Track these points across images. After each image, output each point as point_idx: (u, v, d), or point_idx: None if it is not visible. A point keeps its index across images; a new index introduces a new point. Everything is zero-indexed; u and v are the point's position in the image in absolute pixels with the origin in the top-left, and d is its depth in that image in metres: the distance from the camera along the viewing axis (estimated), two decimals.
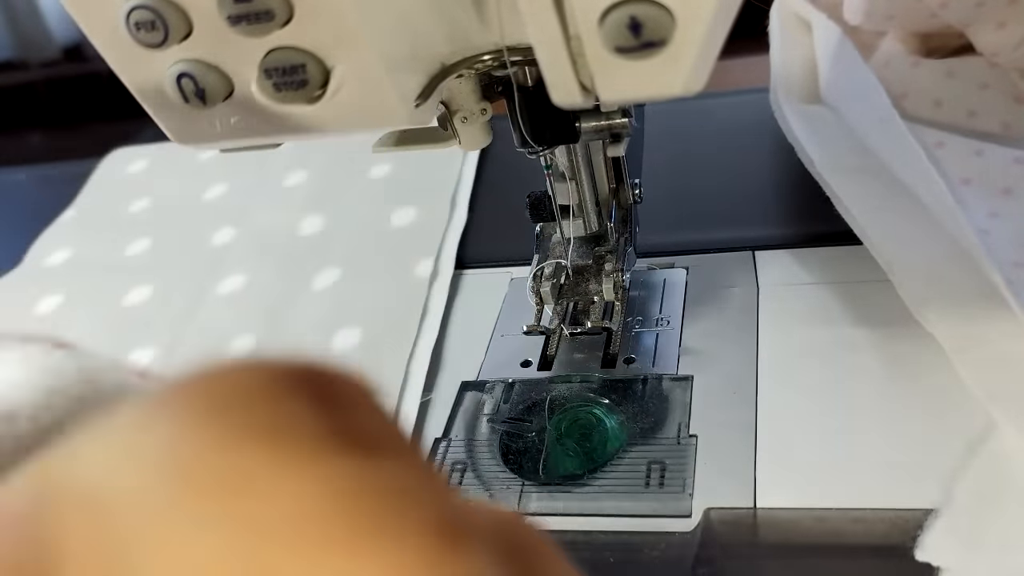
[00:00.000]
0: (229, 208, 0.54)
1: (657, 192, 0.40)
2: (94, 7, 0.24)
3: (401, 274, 0.45)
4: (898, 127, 0.37)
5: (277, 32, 0.23)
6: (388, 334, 0.42)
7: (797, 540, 0.30)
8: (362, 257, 0.47)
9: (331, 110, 0.24)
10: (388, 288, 0.44)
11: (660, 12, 0.20)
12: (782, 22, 0.46)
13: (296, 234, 0.50)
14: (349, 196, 0.52)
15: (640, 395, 0.36)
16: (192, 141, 0.27)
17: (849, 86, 0.42)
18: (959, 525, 0.28)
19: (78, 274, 0.52)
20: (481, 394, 0.38)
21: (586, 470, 0.33)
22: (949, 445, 0.30)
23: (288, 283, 0.46)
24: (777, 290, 0.39)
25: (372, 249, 0.47)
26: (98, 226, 0.56)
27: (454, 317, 0.43)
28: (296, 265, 0.47)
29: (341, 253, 0.48)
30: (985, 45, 0.42)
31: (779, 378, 0.35)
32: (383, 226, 0.49)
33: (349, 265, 0.46)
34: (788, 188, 0.46)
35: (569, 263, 0.38)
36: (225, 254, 0.50)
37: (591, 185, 0.37)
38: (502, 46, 0.25)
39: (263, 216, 0.52)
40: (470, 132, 0.30)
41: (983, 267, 0.32)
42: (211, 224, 0.53)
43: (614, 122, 0.33)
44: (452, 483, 0.13)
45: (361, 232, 0.49)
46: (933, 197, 0.35)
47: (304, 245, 0.49)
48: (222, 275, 0.48)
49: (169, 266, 0.51)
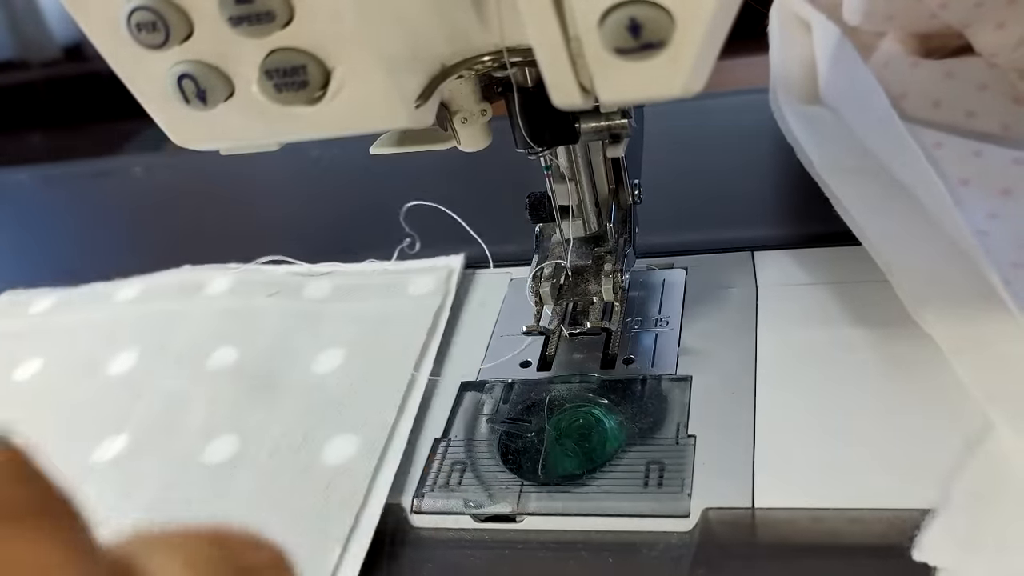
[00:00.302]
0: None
1: (656, 193, 0.40)
2: (95, 8, 0.24)
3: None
4: (897, 128, 0.37)
5: (278, 33, 0.23)
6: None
7: (795, 540, 0.30)
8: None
9: (331, 111, 0.24)
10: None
11: (659, 13, 0.20)
12: (781, 23, 0.46)
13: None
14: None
15: (639, 395, 0.36)
16: (192, 142, 0.27)
17: (848, 87, 0.42)
18: (956, 525, 0.28)
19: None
20: (480, 394, 0.38)
21: (585, 470, 0.33)
22: (947, 445, 0.30)
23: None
24: (776, 290, 0.39)
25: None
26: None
27: (454, 317, 0.43)
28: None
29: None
30: (984, 46, 0.42)
31: (777, 378, 0.35)
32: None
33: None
34: (787, 189, 0.46)
35: (568, 264, 0.38)
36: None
37: (591, 186, 0.37)
38: (502, 47, 0.25)
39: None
40: (470, 133, 0.30)
41: (982, 268, 0.32)
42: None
43: (613, 123, 0.33)
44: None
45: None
46: (932, 198, 0.35)
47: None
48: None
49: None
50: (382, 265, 0.46)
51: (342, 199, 0.59)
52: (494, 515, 0.33)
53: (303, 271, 0.47)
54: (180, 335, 0.45)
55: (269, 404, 0.39)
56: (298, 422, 0.38)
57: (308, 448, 0.36)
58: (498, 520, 0.33)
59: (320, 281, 0.46)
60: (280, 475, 0.36)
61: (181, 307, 0.47)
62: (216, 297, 0.47)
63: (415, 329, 0.41)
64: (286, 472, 0.36)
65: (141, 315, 0.47)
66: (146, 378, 0.43)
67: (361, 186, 0.59)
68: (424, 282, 0.44)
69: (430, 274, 0.45)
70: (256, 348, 0.43)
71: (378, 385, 0.39)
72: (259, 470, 0.36)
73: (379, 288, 0.45)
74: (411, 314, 0.42)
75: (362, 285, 0.45)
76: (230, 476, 0.36)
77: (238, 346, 0.43)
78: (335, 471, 0.35)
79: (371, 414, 0.37)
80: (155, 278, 0.49)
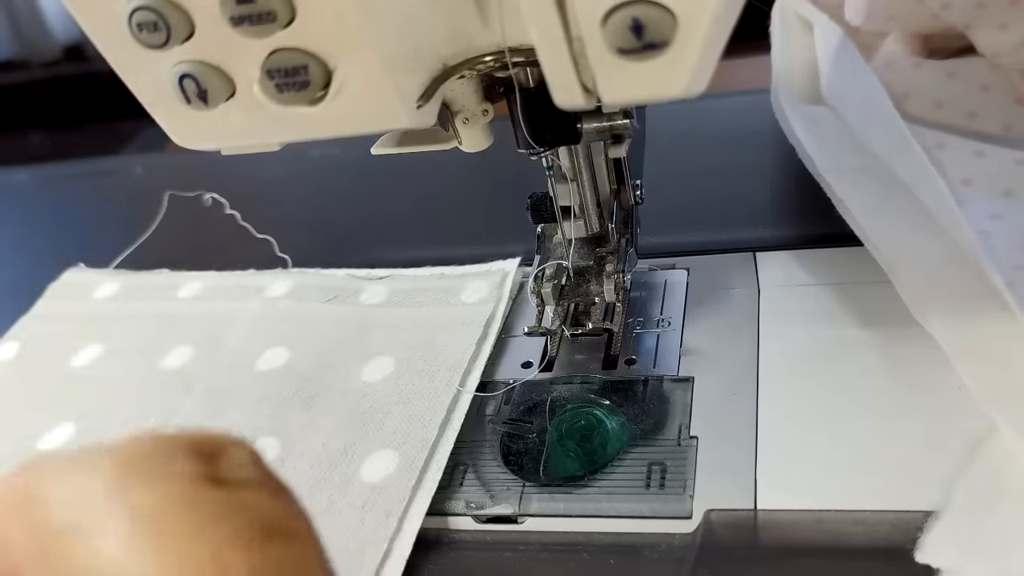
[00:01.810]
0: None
1: (658, 193, 0.40)
2: (96, 8, 0.24)
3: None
4: (899, 128, 0.37)
5: (279, 33, 0.23)
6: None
7: (797, 542, 0.30)
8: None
9: (333, 111, 0.24)
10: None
11: (662, 13, 0.20)
12: (783, 23, 0.46)
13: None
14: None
15: (641, 396, 0.36)
16: (194, 142, 0.27)
17: (850, 87, 0.42)
18: (959, 527, 0.28)
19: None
20: (482, 395, 0.38)
21: (587, 471, 0.33)
22: (949, 447, 0.30)
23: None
24: (778, 291, 0.39)
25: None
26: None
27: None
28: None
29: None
30: (986, 46, 0.42)
31: (780, 379, 0.35)
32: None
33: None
34: (789, 189, 0.46)
35: (570, 264, 0.38)
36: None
37: (592, 186, 0.37)
38: (504, 47, 0.25)
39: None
40: (471, 133, 0.30)
41: (984, 268, 0.32)
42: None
43: (615, 123, 0.33)
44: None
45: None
46: (934, 198, 0.35)
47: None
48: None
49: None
50: (439, 269, 0.46)
51: (342, 198, 0.59)
52: (495, 516, 0.33)
53: (362, 275, 0.47)
54: (235, 334, 0.45)
55: (314, 410, 0.39)
56: (341, 432, 0.37)
57: (348, 461, 0.36)
58: (499, 521, 0.33)
59: (377, 286, 0.46)
60: (318, 490, 0.35)
61: (240, 307, 0.47)
62: (275, 299, 0.47)
63: (465, 339, 0.40)
64: (323, 487, 0.35)
65: (201, 312, 0.48)
66: (197, 374, 0.43)
67: (360, 186, 0.59)
68: (477, 287, 0.44)
69: (484, 279, 0.44)
70: (307, 352, 0.42)
71: (424, 398, 0.38)
72: (298, 479, 0.35)
73: (434, 293, 0.44)
74: (462, 323, 0.42)
75: (418, 290, 0.45)
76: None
77: (291, 348, 0.43)
78: (372, 489, 0.34)
79: (414, 429, 0.36)
80: (219, 277, 0.50)
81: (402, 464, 0.35)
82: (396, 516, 0.33)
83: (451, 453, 0.35)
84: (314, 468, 0.36)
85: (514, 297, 0.43)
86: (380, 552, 0.32)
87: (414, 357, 0.40)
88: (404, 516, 0.33)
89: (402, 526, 0.32)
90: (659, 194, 0.41)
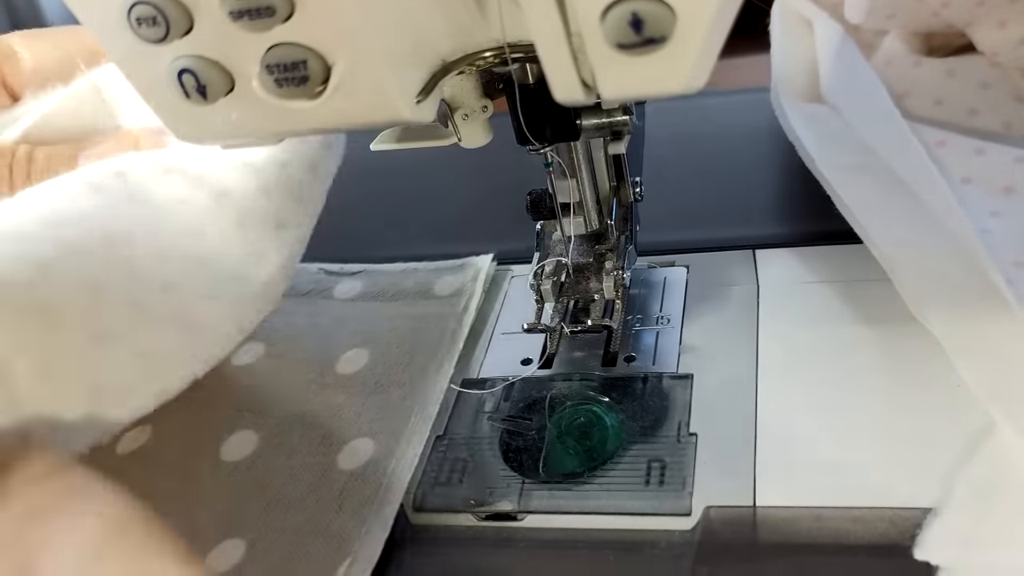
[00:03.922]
0: None
1: (658, 190, 0.40)
2: (95, 2, 0.24)
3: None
4: (899, 126, 0.37)
5: (278, 28, 0.23)
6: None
7: (797, 538, 0.30)
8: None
9: (332, 106, 0.24)
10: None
11: (662, 8, 0.20)
12: (783, 21, 0.46)
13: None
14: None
15: (640, 393, 0.36)
16: (193, 137, 0.27)
17: (850, 85, 0.42)
18: (958, 524, 0.28)
19: None
20: (481, 392, 0.38)
21: (586, 468, 0.33)
22: (948, 444, 0.30)
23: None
24: (778, 288, 0.39)
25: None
26: None
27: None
28: None
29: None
30: (986, 44, 0.42)
31: (779, 376, 0.35)
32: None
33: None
34: (789, 187, 0.46)
35: (570, 261, 0.38)
36: None
37: (592, 183, 0.37)
38: (503, 43, 0.25)
39: None
40: (471, 129, 0.30)
41: (984, 266, 0.32)
42: None
43: (615, 119, 0.33)
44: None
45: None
46: (934, 196, 0.35)
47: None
48: None
49: None
50: (412, 264, 0.46)
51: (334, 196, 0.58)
52: (495, 513, 0.33)
53: (336, 269, 0.47)
54: None
55: (291, 402, 0.39)
56: (317, 422, 0.38)
57: (325, 451, 0.36)
58: (499, 518, 0.33)
59: (351, 280, 0.46)
60: (296, 478, 0.36)
61: None
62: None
63: (438, 330, 0.41)
64: (302, 476, 0.36)
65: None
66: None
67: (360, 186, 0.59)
68: (450, 282, 0.44)
69: (458, 273, 0.45)
70: (282, 345, 0.43)
71: (399, 387, 0.39)
72: (277, 469, 0.36)
73: (407, 288, 0.45)
74: (436, 315, 0.42)
75: (392, 284, 0.46)
76: (248, 471, 0.36)
77: (266, 342, 0.43)
78: (350, 476, 0.35)
79: (389, 419, 0.37)
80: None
81: (378, 451, 0.36)
82: (373, 502, 0.33)
83: (447, 449, 0.35)
84: (292, 458, 0.36)
85: (486, 291, 0.44)
86: (358, 537, 0.32)
87: (389, 349, 0.41)
88: (382, 501, 0.33)
89: (380, 511, 0.33)
90: (659, 191, 0.41)
